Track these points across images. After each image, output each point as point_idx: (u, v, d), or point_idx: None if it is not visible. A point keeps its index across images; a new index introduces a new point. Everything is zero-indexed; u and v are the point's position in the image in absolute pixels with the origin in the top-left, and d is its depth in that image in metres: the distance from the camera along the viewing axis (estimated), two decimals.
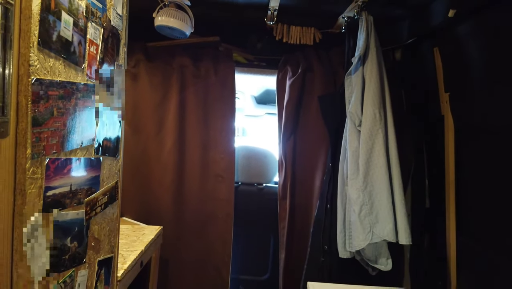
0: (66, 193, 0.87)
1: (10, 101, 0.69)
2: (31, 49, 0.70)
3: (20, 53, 0.70)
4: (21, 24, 0.70)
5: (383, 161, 1.57)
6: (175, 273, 2.10)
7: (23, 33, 0.69)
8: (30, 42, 0.70)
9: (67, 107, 0.85)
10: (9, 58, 0.69)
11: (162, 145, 2.09)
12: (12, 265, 0.71)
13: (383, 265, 1.64)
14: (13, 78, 0.69)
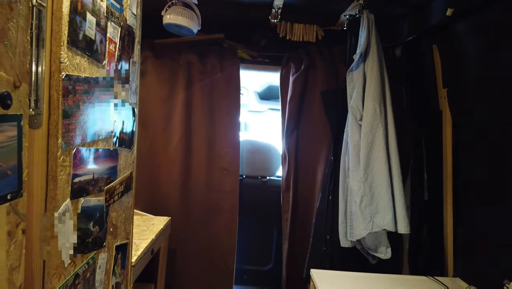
0: (89, 181, 0.94)
1: (43, 95, 0.76)
2: (61, 47, 0.77)
3: (51, 51, 0.76)
4: (52, 25, 0.76)
5: (383, 154, 1.64)
6: (182, 262, 2.17)
7: (55, 33, 0.76)
8: (61, 41, 0.76)
9: (91, 101, 0.91)
10: (42, 56, 0.75)
11: (169, 139, 2.15)
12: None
13: (382, 254, 1.71)
14: (45, 74, 0.75)
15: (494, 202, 1.53)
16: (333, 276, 1.58)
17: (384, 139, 1.65)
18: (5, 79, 0.58)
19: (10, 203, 0.61)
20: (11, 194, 0.61)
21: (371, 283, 1.53)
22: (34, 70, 0.73)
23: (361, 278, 1.59)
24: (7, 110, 0.59)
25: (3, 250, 0.60)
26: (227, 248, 2.19)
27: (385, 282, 1.56)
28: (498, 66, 1.47)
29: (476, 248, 1.61)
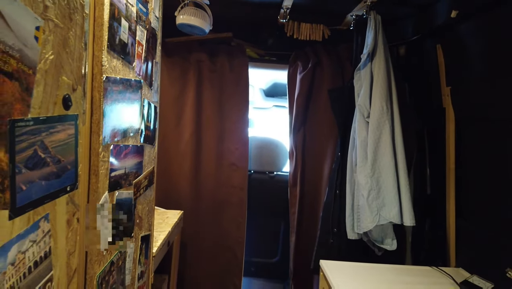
0: (122, 175, 1.01)
1: (86, 96, 0.82)
2: (103, 51, 0.83)
3: (94, 55, 0.82)
4: (94, 31, 0.82)
5: (390, 150, 1.71)
6: (192, 254, 2.24)
7: (97, 38, 0.82)
8: (103, 46, 0.83)
9: (123, 101, 0.98)
10: (85, 60, 0.81)
11: (180, 136, 2.21)
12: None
13: (388, 245, 1.79)
14: (88, 76, 0.82)
15: (495, 195, 1.60)
16: (341, 266, 1.66)
17: (391, 135, 1.72)
18: (66, 83, 0.65)
19: (69, 194, 0.68)
20: (70, 186, 0.68)
21: (378, 273, 1.61)
22: (83, 74, 0.80)
23: (368, 268, 1.66)
24: (67, 111, 0.65)
25: (63, 236, 0.67)
26: (236, 241, 2.26)
27: (391, 272, 1.63)
28: (500, 65, 1.54)
29: (478, 239, 1.68)
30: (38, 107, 0.56)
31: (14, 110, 0.51)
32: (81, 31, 0.70)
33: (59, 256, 0.66)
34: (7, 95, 0.49)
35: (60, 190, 0.64)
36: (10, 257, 0.52)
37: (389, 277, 1.57)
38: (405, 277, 1.57)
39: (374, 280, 1.53)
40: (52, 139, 0.60)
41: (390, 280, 1.54)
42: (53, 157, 0.61)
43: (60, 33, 0.61)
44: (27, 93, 0.53)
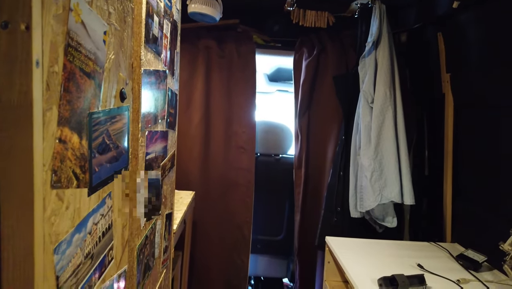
0: (153, 158, 1.10)
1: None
2: (141, 46, 0.91)
3: (133, 50, 0.91)
4: (133, 27, 0.90)
5: (392, 134, 1.81)
6: (202, 232, 2.36)
7: (135, 34, 0.90)
8: (141, 41, 0.91)
9: (155, 90, 1.07)
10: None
11: (190, 120, 2.30)
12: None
13: (389, 223, 1.91)
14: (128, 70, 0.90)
15: (489, 176, 1.72)
16: (345, 242, 1.78)
17: (393, 120, 1.82)
18: (122, 78, 0.74)
19: (123, 175, 0.78)
20: (124, 168, 0.78)
21: (379, 248, 1.73)
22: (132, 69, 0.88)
23: (370, 243, 1.79)
24: (123, 103, 0.74)
25: (117, 211, 0.77)
26: (243, 220, 2.38)
27: (392, 247, 1.76)
28: (497, 54, 1.64)
29: (472, 217, 1.81)
30: (104, 101, 0.66)
31: (91, 104, 0.60)
32: (131, 31, 0.79)
33: (117, 228, 0.76)
34: (87, 92, 0.58)
35: (118, 172, 0.74)
36: (88, 227, 0.62)
37: (390, 251, 1.70)
38: (405, 251, 1.70)
39: (376, 253, 1.66)
40: (113, 128, 0.70)
41: (390, 254, 1.66)
42: (114, 143, 0.71)
43: (118, 35, 0.70)
44: (98, 89, 0.63)
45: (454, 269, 1.53)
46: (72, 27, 0.52)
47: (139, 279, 1.01)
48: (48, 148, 0.49)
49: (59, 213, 0.53)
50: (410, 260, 1.58)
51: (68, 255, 0.56)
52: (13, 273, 0.48)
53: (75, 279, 0.59)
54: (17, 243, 0.47)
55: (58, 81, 0.50)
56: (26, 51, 0.44)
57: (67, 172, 0.54)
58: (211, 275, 2.39)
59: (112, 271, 0.75)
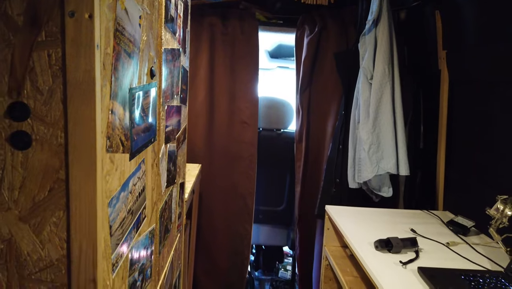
0: (170, 131, 1.20)
1: None
2: (162, 27, 0.99)
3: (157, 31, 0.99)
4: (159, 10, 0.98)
5: (390, 109, 1.91)
6: (207, 202, 2.49)
7: (159, 16, 0.98)
8: (162, 22, 0.99)
9: (171, 68, 1.15)
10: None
11: (195, 95, 2.39)
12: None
13: (385, 193, 2.04)
14: None
15: (480, 148, 1.83)
16: (344, 211, 1.91)
17: (391, 95, 1.91)
18: (151, 57, 0.82)
19: (153, 145, 0.88)
20: (153, 138, 0.87)
21: (376, 215, 1.86)
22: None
23: (368, 211, 1.91)
24: (152, 79, 0.83)
25: (149, 176, 0.87)
26: (246, 191, 2.51)
27: (387, 214, 1.89)
28: (493, 30, 1.72)
29: (463, 187, 1.94)
30: (139, 78, 0.75)
31: (131, 81, 0.69)
32: (157, 14, 0.87)
33: (148, 190, 0.86)
34: (129, 70, 0.67)
35: (149, 141, 0.84)
36: (129, 187, 0.72)
37: (385, 218, 1.83)
38: (399, 218, 1.83)
39: (373, 220, 1.79)
40: (145, 102, 0.79)
41: (386, 220, 1.79)
42: (147, 116, 0.80)
43: (149, 18, 0.78)
44: (136, 68, 0.71)
45: (444, 234, 1.66)
46: (119, 13, 0.61)
47: (161, 239, 1.13)
48: (104, 118, 0.58)
49: (111, 173, 0.63)
50: (404, 226, 1.71)
51: (117, 209, 0.66)
52: (80, 222, 0.58)
53: (121, 230, 0.69)
54: (83, 197, 0.57)
55: (110, 61, 0.59)
56: (90, 36, 0.53)
57: (116, 139, 0.63)
58: (217, 242, 2.53)
59: (145, 227, 0.86)
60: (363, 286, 1.55)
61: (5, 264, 0.60)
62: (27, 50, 0.53)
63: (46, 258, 0.59)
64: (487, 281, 1.23)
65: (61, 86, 0.54)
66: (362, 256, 1.42)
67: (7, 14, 0.51)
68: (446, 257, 1.44)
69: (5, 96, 0.54)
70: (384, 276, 1.27)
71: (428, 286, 1.20)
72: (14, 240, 0.59)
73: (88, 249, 0.59)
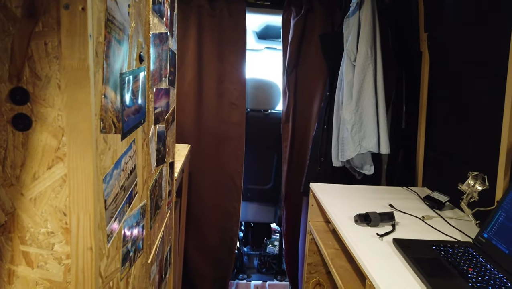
0: (160, 112, 1.25)
1: None
2: (150, 12, 1.03)
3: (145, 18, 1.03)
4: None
5: (371, 90, 1.98)
6: (196, 182, 2.56)
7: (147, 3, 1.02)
8: (149, 8, 1.03)
9: (160, 51, 1.20)
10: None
11: (184, 77, 2.42)
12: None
13: (367, 170, 2.13)
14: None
15: (457, 129, 1.92)
16: (328, 188, 2.00)
17: (373, 77, 1.98)
18: (140, 43, 0.87)
19: (143, 126, 0.93)
20: (143, 120, 0.93)
21: (358, 192, 1.96)
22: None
23: (351, 189, 2.01)
24: (141, 64, 0.88)
25: (140, 156, 0.93)
26: (235, 170, 2.58)
27: (369, 191, 1.98)
28: (469, 14, 1.78)
29: (440, 165, 2.04)
30: (129, 63, 0.80)
31: (121, 66, 0.74)
32: (145, 1, 0.91)
33: (139, 169, 0.93)
34: (119, 56, 0.72)
35: (139, 122, 0.90)
36: (122, 165, 0.78)
37: (367, 194, 1.92)
38: (380, 194, 1.93)
39: (354, 197, 1.88)
40: (135, 85, 0.84)
41: (367, 197, 1.89)
42: (137, 99, 0.85)
43: (137, 6, 0.83)
44: (125, 54, 0.76)
45: (421, 209, 1.76)
46: (109, 4, 0.65)
47: (152, 215, 1.20)
48: (97, 102, 0.64)
49: (105, 152, 0.69)
50: (383, 202, 1.81)
51: (110, 185, 0.73)
52: (77, 197, 0.64)
53: (115, 204, 0.76)
54: (80, 174, 0.63)
55: (102, 49, 0.64)
56: (83, 27, 0.58)
57: (108, 120, 0.69)
58: (207, 219, 2.62)
59: (137, 202, 0.93)
60: (344, 257, 1.66)
61: (9, 234, 0.66)
62: (26, 40, 0.58)
63: (48, 228, 0.66)
64: (456, 251, 1.33)
65: (58, 72, 0.60)
66: (342, 230, 1.51)
67: (7, 6, 0.56)
68: (421, 230, 1.54)
69: (6, 82, 0.59)
70: (362, 248, 1.36)
71: (402, 256, 1.30)
72: (17, 213, 0.65)
73: (85, 220, 0.65)
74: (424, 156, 2.19)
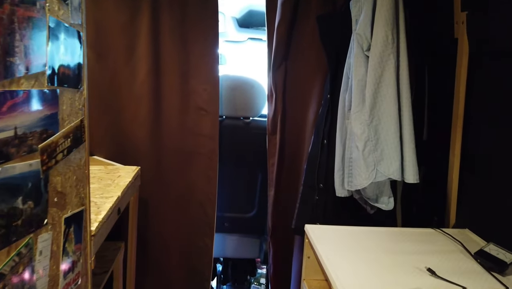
0: (9, 140, 0.64)
1: None
2: None
3: None
4: None
5: (393, 92, 1.38)
6: (155, 213, 1.96)
7: None
8: None
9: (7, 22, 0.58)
10: None
11: (134, 73, 1.82)
12: None
13: (384, 204, 1.54)
14: None
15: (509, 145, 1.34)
16: (329, 232, 1.40)
17: (395, 73, 1.39)
18: None
19: None
20: None
21: (372, 239, 1.36)
22: None
23: (360, 233, 1.41)
24: None
25: None
26: (206, 196, 1.98)
27: (388, 237, 1.39)
28: None
29: (488, 196, 1.45)
30: None
31: None
32: None
33: None
34: None
35: None
36: None
37: (387, 244, 1.33)
38: (405, 244, 1.33)
39: (369, 247, 1.29)
40: None
41: (387, 249, 1.29)
42: None
43: None
44: None
45: (472, 271, 1.16)
46: None
47: None
48: None
49: None
50: (415, 259, 1.21)
51: None
52: None
53: None
54: None
55: None
56: None
57: None
58: (170, 262, 2.01)
59: None
60: None
61: None
62: None
63: None
64: None
65: None
66: None
67: None
68: None
69: None
70: None
71: None
72: None
73: None
74: (460, 182, 1.60)
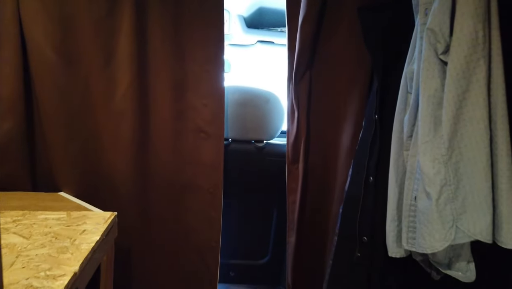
0: None
1: None
2: None
3: None
4: None
5: (483, 114, 0.95)
6: (142, 265, 1.53)
7: None
8: None
9: None
10: None
11: (113, 83, 1.39)
12: None
13: (460, 272, 1.09)
14: None
15: None
16: None
17: (487, 86, 0.95)
18: None
19: None
20: None
21: None
22: None
23: None
24: None
25: None
26: (207, 243, 1.55)
27: None
28: None
29: None
30: None
31: None
32: None
33: None
34: None
35: None
36: None
37: None
38: None
39: None
40: None
41: None
42: None
43: None
44: None
45: None
46: None
47: None
48: None
49: None
50: None
51: None
52: None
53: None
54: None
55: None
56: None
57: None
58: None
59: None
60: None
61: None
62: None
63: None
64: None
65: None
66: None
67: None
68: None
69: None
70: None
71: None
72: None
73: None
74: None
